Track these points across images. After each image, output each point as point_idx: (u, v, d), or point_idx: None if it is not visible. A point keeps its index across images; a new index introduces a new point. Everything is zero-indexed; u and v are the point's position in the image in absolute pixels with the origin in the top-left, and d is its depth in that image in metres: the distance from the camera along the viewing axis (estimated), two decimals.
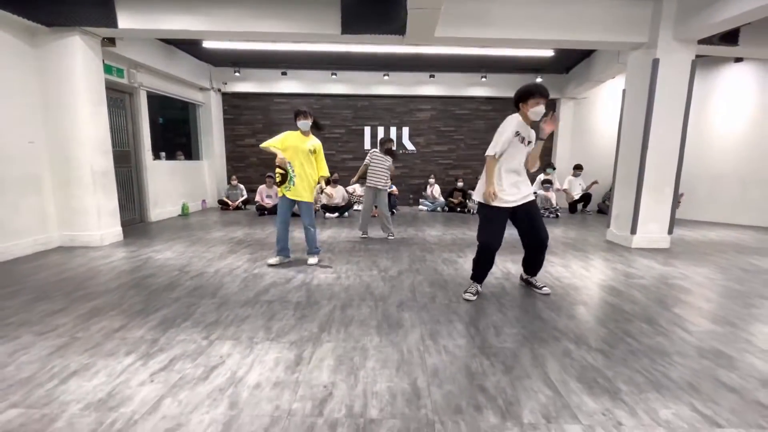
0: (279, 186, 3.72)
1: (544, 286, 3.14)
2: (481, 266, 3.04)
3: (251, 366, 1.98)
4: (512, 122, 2.84)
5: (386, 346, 2.21)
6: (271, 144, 3.68)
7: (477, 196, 3.02)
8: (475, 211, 7.75)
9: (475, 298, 3.03)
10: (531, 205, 2.92)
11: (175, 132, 8.52)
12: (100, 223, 4.58)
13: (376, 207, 5.24)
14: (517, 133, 2.82)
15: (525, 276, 3.27)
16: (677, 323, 2.57)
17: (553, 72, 8.30)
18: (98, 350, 2.14)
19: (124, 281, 3.33)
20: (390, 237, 5.22)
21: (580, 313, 2.73)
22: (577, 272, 3.72)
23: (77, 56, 4.28)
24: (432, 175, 8.50)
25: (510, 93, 8.60)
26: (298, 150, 3.68)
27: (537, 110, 2.76)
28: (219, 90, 8.27)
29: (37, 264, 3.83)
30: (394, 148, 5.02)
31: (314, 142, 3.79)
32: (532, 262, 3.13)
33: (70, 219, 4.52)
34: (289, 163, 3.68)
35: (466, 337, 2.34)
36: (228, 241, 4.97)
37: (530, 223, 2.92)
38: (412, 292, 3.12)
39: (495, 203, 2.88)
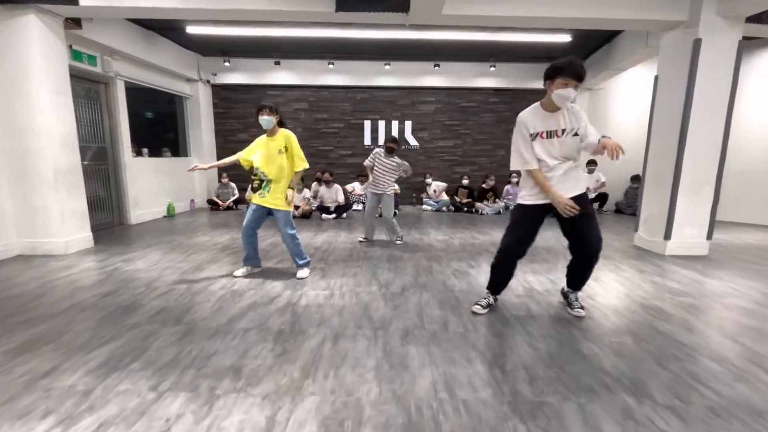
0: (254, 192, 3.22)
1: (580, 308, 2.61)
2: (497, 275, 2.60)
3: None
4: (519, 126, 2.37)
5: (388, 401, 1.68)
6: (241, 157, 3.28)
7: (520, 199, 2.52)
8: (483, 212, 7.21)
9: (485, 312, 2.58)
10: (576, 201, 2.32)
11: (163, 127, 7.98)
12: (64, 227, 4.06)
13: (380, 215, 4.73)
14: (534, 135, 2.31)
15: (566, 289, 2.75)
16: (756, 362, 2.04)
17: None
18: (9, 408, 1.62)
19: (78, 301, 2.80)
20: (398, 241, 4.71)
21: (628, 347, 2.20)
22: (612, 287, 3.18)
23: (33, 38, 3.74)
24: (428, 174, 7.93)
25: (521, 84, 8.06)
26: (267, 156, 3.17)
27: (562, 94, 2.19)
28: (208, 81, 7.71)
29: None
30: (394, 146, 4.46)
31: (283, 139, 3.20)
32: (574, 274, 2.61)
33: (29, 224, 4.00)
34: (263, 172, 3.17)
35: (491, 385, 1.81)
36: (211, 247, 4.45)
37: (572, 225, 2.39)
38: (419, 315, 2.59)
39: (523, 201, 2.43)
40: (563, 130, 2.29)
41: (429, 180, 7.85)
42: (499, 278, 2.63)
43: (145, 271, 3.53)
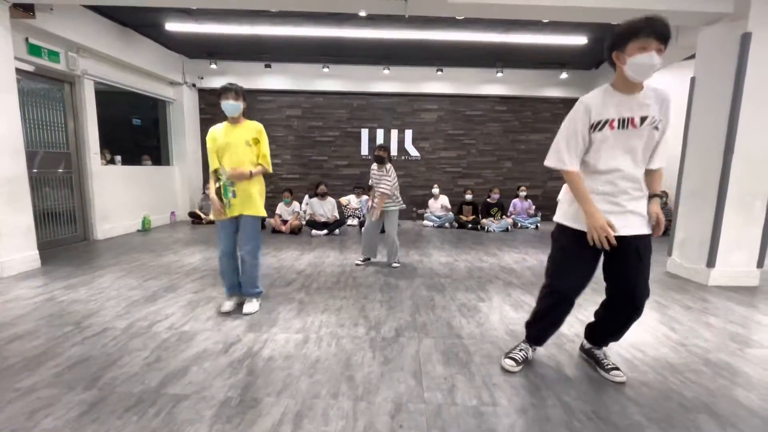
0: (220, 201, 2.59)
1: (616, 368, 1.94)
2: (547, 321, 1.93)
3: None
4: (578, 109, 1.70)
5: None
6: (216, 167, 2.64)
7: (557, 216, 1.88)
8: (490, 229, 6.58)
9: (519, 368, 1.96)
10: (637, 241, 1.71)
11: (143, 134, 7.42)
12: (1, 246, 3.45)
13: (383, 231, 4.11)
14: (600, 124, 1.67)
15: (587, 345, 2.10)
16: None
17: (580, 67, 7.19)
18: None
19: None
20: (395, 265, 4.08)
21: (707, 429, 1.55)
22: (660, 332, 2.53)
23: None
24: (436, 185, 7.31)
25: (530, 91, 7.48)
26: (229, 147, 2.55)
27: (643, 61, 1.53)
28: (194, 85, 7.19)
29: None
30: (383, 154, 3.89)
31: (253, 130, 2.62)
32: (603, 328, 1.96)
33: None
34: (223, 170, 2.56)
35: None
36: (176, 270, 3.82)
37: (619, 263, 1.75)
38: (416, 376, 1.95)
39: (570, 224, 1.78)
40: (643, 118, 1.63)
41: (436, 191, 7.22)
42: (546, 326, 1.96)
43: (83, 302, 2.90)
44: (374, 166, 3.97)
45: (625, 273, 1.74)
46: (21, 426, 1.53)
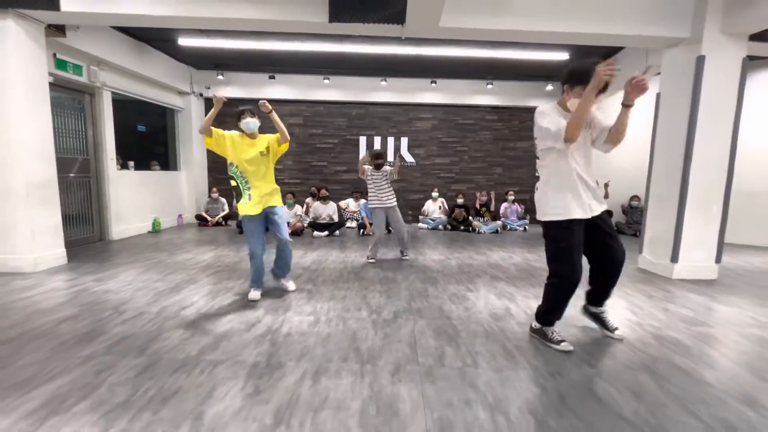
0: (237, 201, 3.02)
1: (617, 328, 2.48)
2: (563, 307, 2.34)
3: None
4: (541, 112, 2.19)
5: None
6: (215, 131, 2.91)
7: (540, 214, 2.31)
8: (480, 230, 6.99)
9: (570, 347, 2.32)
10: (603, 217, 2.27)
11: (152, 140, 7.78)
12: (34, 244, 3.79)
13: (389, 231, 4.65)
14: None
15: (592, 309, 2.54)
16: None
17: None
18: None
19: (32, 327, 2.52)
20: (405, 257, 4.66)
21: (647, 387, 1.94)
22: (621, 314, 2.93)
23: (9, 44, 3.56)
24: (435, 189, 7.74)
25: (518, 101, 7.98)
26: (246, 160, 2.98)
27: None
28: (201, 95, 7.58)
29: None
30: (382, 161, 4.55)
31: (264, 140, 3.07)
32: (601, 287, 2.42)
33: None
34: (241, 173, 2.97)
35: None
36: (192, 266, 4.17)
37: (597, 234, 2.26)
38: (412, 347, 2.33)
39: (559, 218, 2.19)
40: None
41: (435, 194, 7.65)
42: (559, 308, 2.35)
43: (115, 292, 3.25)
44: (370, 168, 4.52)
45: (606, 242, 2.24)
46: (92, 381, 1.89)
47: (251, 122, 2.96)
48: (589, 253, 2.31)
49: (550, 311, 2.36)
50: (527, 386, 1.92)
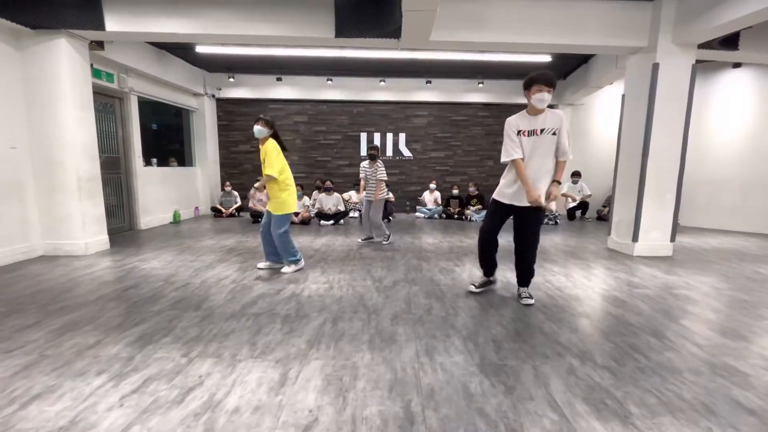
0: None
1: (528, 296, 3.02)
2: (484, 255, 3.16)
3: (231, 387, 1.83)
4: (507, 126, 2.85)
5: (378, 363, 2.06)
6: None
7: (494, 195, 3.03)
8: (472, 218, 7.62)
9: (479, 290, 3.21)
10: (530, 210, 2.85)
11: (169, 138, 8.39)
12: (84, 231, 4.42)
13: (389, 219, 5.32)
14: (518, 132, 2.78)
15: (517, 288, 3.18)
16: (686, 337, 2.44)
17: None
18: (67, 370, 1.98)
19: (105, 293, 3.16)
20: (384, 242, 5.21)
21: (583, 326, 2.59)
22: (579, 282, 3.59)
23: (63, 59, 4.16)
24: (433, 182, 8.37)
25: (508, 99, 8.60)
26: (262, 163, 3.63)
27: (539, 98, 2.67)
28: (213, 96, 8.17)
29: (15, 274, 3.66)
30: (375, 153, 5.13)
31: (263, 150, 3.60)
32: (520, 269, 3.08)
33: (53, 227, 4.36)
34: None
35: (463, 353, 2.19)
36: (218, 249, 4.82)
37: (522, 222, 2.96)
38: (407, 303, 2.98)
39: (496, 196, 2.99)
40: (542, 129, 2.74)
41: (433, 186, 8.28)
42: (480, 258, 3.18)
43: (160, 269, 3.89)
44: (366, 163, 5.10)
45: (526, 226, 2.92)
46: (167, 326, 2.53)
47: (256, 129, 3.56)
48: (515, 240, 3.03)
49: (478, 257, 3.21)
50: (493, 326, 2.57)
